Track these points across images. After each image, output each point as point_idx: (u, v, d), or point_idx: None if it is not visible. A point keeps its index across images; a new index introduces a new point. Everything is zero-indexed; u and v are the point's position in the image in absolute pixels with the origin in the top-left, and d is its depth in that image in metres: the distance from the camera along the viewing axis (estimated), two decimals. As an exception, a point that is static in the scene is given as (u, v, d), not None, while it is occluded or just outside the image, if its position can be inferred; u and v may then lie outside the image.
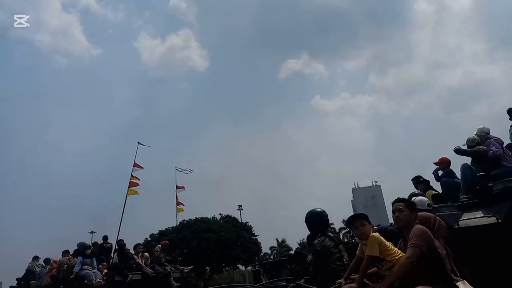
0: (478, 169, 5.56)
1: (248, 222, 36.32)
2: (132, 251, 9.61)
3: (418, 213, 3.34)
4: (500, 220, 4.42)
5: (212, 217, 34.98)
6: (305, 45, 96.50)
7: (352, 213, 6.50)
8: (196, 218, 34.04)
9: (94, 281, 8.63)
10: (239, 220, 36.06)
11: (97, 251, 9.87)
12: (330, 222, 5.65)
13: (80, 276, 8.75)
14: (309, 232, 4.60)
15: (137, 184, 13.13)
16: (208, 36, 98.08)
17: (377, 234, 3.18)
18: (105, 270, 9.26)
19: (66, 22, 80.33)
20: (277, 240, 44.00)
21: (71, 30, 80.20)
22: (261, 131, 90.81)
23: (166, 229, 33.01)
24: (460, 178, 5.76)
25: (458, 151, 5.90)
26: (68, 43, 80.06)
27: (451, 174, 6.10)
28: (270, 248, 43.49)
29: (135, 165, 13.48)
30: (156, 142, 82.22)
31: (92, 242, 12.91)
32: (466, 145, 6.03)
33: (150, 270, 8.99)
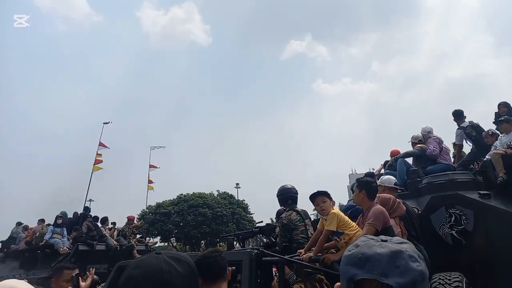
0: (419, 164, 5.72)
1: (244, 200, 36.95)
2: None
3: (378, 194, 3.57)
4: (419, 212, 4.58)
5: (210, 193, 35.60)
6: (310, 27, 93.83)
7: (348, 199, 6.71)
8: (193, 193, 34.72)
9: (61, 249, 9.03)
10: (236, 198, 36.64)
11: (68, 221, 10.23)
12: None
13: (49, 243, 9.17)
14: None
15: (101, 161, 13.82)
16: (212, 11, 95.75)
17: (336, 210, 3.49)
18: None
19: None
20: (271, 219, 44.65)
21: None
22: (260, 112, 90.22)
23: (163, 201, 33.84)
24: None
25: (404, 155, 6.12)
26: (68, 8, 78.33)
27: (395, 167, 6.11)
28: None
29: (100, 144, 14.19)
30: (150, 117, 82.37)
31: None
32: (411, 142, 6.29)
33: (114, 242, 9.32)
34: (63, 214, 10.10)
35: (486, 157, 5.10)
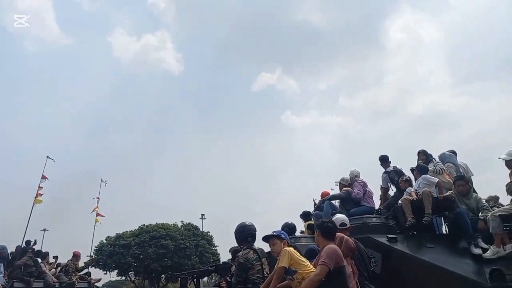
0: (344, 207, 6.12)
1: (209, 232, 36.28)
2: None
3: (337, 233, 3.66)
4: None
5: (173, 224, 34.72)
6: (280, 60, 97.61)
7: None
8: (156, 223, 33.73)
9: (-6, 286, 8.54)
10: (201, 229, 35.93)
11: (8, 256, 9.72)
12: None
13: (-18, 280, 8.65)
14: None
15: (40, 194, 14.04)
16: (184, 40, 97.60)
17: (290, 248, 3.49)
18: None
19: (39, 7, 76.04)
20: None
21: (43, 16, 77.10)
22: (230, 140, 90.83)
23: (123, 232, 32.60)
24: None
25: (331, 197, 6.52)
26: (39, 29, 77.09)
27: (322, 208, 6.47)
28: (228, 260, 43.30)
29: (43, 176, 14.40)
30: (118, 141, 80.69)
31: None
32: (339, 184, 6.73)
33: (53, 279, 8.93)
34: (1, 248, 9.61)
35: (399, 202, 5.57)
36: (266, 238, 3.83)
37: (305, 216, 7.39)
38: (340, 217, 4.65)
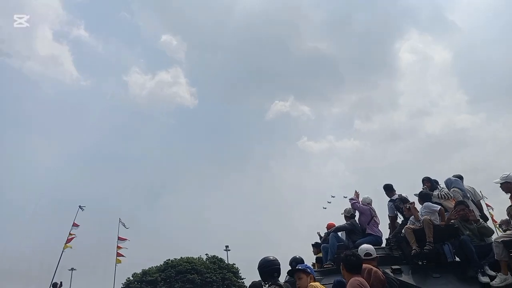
0: (350, 238, 6.15)
1: (235, 264, 35.87)
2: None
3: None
4: None
5: (198, 257, 34.67)
6: (292, 88, 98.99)
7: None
8: (181, 257, 33.80)
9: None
10: (226, 261, 35.61)
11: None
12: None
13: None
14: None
15: (70, 240, 14.99)
16: (197, 74, 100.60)
17: (316, 284, 3.57)
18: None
19: (57, 52, 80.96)
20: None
21: (61, 60, 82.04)
22: (248, 170, 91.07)
23: (149, 268, 32.78)
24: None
25: (335, 229, 6.51)
26: (57, 72, 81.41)
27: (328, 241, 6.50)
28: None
29: (74, 224, 15.26)
30: (137, 175, 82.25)
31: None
32: (343, 215, 6.74)
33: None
34: None
35: (402, 231, 5.55)
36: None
37: (316, 247, 7.37)
38: (364, 247, 4.41)
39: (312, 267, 6.15)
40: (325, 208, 52.26)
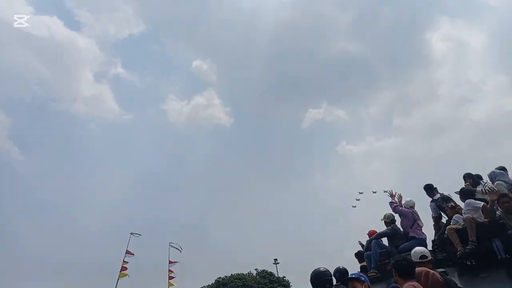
0: (393, 243, 6.06)
1: (285, 277, 35.58)
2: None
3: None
4: None
5: (248, 273, 34.82)
6: (325, 93, 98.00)
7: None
8: (231, 275, 34.12)
9: None
10: (276, 275, 35.43)
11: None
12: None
13: None
14: None
15: (126, 268, 15.39)
16: (229, 93, 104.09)
17: None
18: None
19: (99, 91, 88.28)
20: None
21: (104, 98, 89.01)
22: (291, 182, 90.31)
23: (202, 288, 33.42)
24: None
25: (377, 236, 6.38)
26: (101, 110, 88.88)
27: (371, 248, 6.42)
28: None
29: (127, 252, 15.70)
30: (185, 197, 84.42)
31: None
32: (383, 221, 6.63)
33: None
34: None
35: (445, 232, 5.41)
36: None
37: (359, 256, 7.28)
38: (418, 250, 4.28)
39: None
40: (355, 206, 50.38)
